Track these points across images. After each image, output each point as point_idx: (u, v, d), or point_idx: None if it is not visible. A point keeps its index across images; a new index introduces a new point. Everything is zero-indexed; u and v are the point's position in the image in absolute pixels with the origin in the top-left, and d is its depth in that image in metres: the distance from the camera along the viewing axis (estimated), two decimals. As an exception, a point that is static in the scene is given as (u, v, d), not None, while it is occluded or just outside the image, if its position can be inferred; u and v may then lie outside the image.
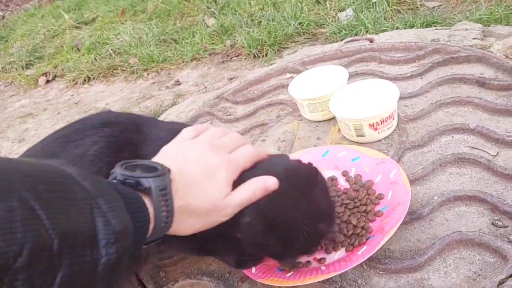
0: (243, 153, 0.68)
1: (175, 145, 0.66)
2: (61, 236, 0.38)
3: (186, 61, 2.13)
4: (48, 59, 2.89)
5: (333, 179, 0.93)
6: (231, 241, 0.78)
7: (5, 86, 2.82)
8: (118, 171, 0.54)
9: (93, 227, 0.42)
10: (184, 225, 0.59)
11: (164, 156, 0.63)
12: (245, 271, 0.81)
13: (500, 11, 1.48)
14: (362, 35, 1.63)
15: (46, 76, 2.63)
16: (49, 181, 0.41)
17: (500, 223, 0.76)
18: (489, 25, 1.40)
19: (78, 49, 2.82)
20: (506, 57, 1.16)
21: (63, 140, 0.75)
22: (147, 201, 0.53)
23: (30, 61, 2.96)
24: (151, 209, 0.53)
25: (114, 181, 0.53)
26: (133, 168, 0.55)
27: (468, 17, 1.53)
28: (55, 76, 2.63)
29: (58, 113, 2.17)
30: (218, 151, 0.65)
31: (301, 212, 0.66)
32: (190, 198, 0.58)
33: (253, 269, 0.80)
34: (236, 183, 0.64)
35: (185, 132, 0.70)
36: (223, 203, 0.61)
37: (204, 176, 0.61)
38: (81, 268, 0.39)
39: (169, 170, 0.57)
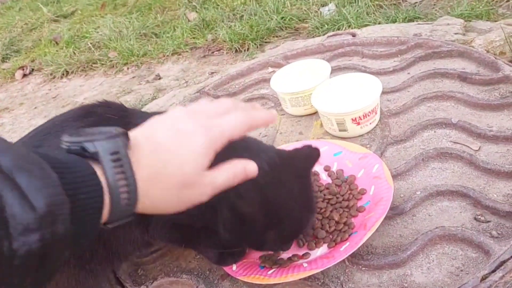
0: (229, 119, 0.56)
1: (153, 118, 0.56)
2: None
3: (167, 55, 2.09)
4: (26, 53, 2.83)
5: (315, 174, 0.91)
6: (214, 235, 0.76)
7: (-19, 80, 2.75)
8: (64, 139, 0.45)
9: (1, 211, 0.34)
10: (157, 200, 0.50)
11: (137, 128, 0.53)
12: (225, 268, 0.79)
13: (481, 7, 1.48)
14: (344, 30, 1.62)
15: (23, 69, 2.57)
16: None
17: (482, 218, 0.75)
18: (470, 21, 1.41)
19: (56, 42, 2.76)
20: (488, 52, 1.16)
21: (44, 133, 0.72)
22: (98, 169, 0.44)
23: (6, 54, 2.88)
24: (102, 178, 0.44)
25: (51, 153, 0.43)
26: (83, 134, 0.46)
27: (449, 12, 1.53)
28: (33, 69, 2.57)
29: (35, 108, 2.11)
30: (196, 117, 0.55)
31: (287, 200, 0.66)
32: (159, 167, 0.49)
33: (234, 267, 0.78)
34: (222, 156, 0.55)
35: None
36: (201, 180, 0.52)
37: (176, 142, 0.51)
38: None
39: (125, 133, 0.47)
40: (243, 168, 0.57)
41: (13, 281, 0.35)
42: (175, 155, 0.50)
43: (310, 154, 0.71)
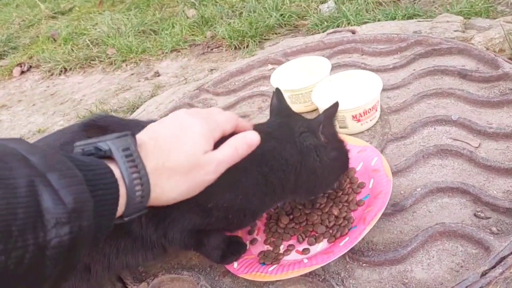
0: (222, 116, 0.64)
1: (152, 123, 0.62)
2: None
3: (166, 52, 2.09)
4: (23, 50, 2.82)
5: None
6: (220, 236, 0.78)
7: (-22, 77, 2.74)
8: (76, 144, 0.50)
9: (36, 206, 0.37)
10: (168, 188, 0.55)
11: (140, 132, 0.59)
12: (227, 266, 0.79)
13: (480, 4, 1.48)
14: (344, 27, 1.62)
15: (21, 67, 2.56)
16: None
17: (482, 215, 0.76)
18: (470, 18, 1.41)
19: (54, 39, 2.75)
20: (487, 49, 1.16)
21: (53, 143, 0.72)
22: (113, 166, 0.48)
23: (4, 51, 2.88)
24: (117, 173, 0.48)
25: (72, 154, 0.48)
26: (94, 138, 0.51)
27: (449, 10, 1.53)
28: (30, 66, 2.56)
29: (33, 105, 2.11)
30: (193, 113, 0.62)
31: None
32: (164, 157, 0.54)
33: (235, 264, 0.78)
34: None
35: None
36: (204, 159, 0.57)
37: (177, 134, 0.57)
38: (21, 253, 0.35)
39: (132, 134, 0.53)
40: (244, 139, 0.62)
41: (45, 270, 0.38)
42: (177, 143, 0.56)
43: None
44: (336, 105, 0.72)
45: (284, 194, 0.73)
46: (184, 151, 0.56)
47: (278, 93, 0.80)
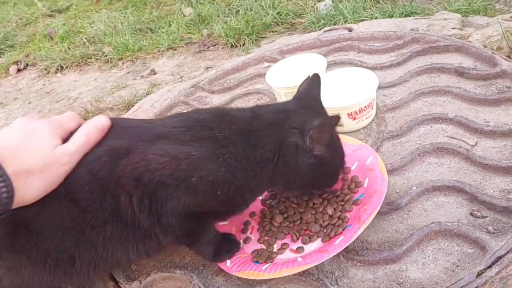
0: (62, 116, 0.71)
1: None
2: None
3: (162, 51, 2.08)
4: (20, 48, 2.80)
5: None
6: (212, 232, 0.77)
7: (-25, 75, 2.72)
8: None
9: None
10: (28, 187, 0.60)
11: None
12: (220, 264, 0.78)
13: (478, 2, 1.48)
14: (341, 25, 1.61)
15: (18, 64, 2.54)
16: None
17: (478, 214, 0.75)
18: (467, 16, 1.40)
19: (51, 37, 2.74)
20: (485, 47, 1.15)
21: None
22: None
23: (1, 49, 2.86)
24: None
25: None
26: None
27: (446, 8, 1.52)
28: (27, 65, 2.54)
29: (29, 103, 2.09)
30: (33, 119, 0.68)
31: None
32: (18, 161, 0.60)
33: (228, 262, 0.77)
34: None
35: None
36: (56, 153, 0.63)
37: (25, 139, 0.63)
38: None
39: None
40: (94, 125, 0.68)
41: None
42: (28, 148, 0.62)
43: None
44: (337, 118, 0.72)
45: (263, 179, 0.73)
46: (35, 152, 0.62)
47: (311, 79, 0.83)
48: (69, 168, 0.65)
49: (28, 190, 0.61)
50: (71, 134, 0.68)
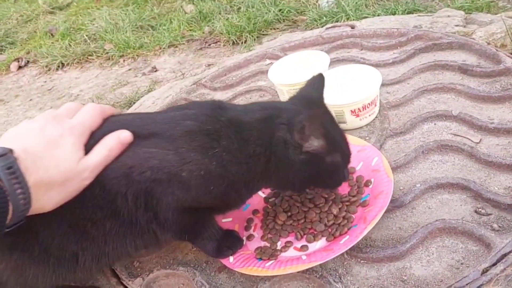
0: (84, 114, 0.69)
1: (16, 128, 0.66)
2: None
3: (163, 48, 2.08)
4: (21, 45, 2.80)
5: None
6: (214, 228, 0.77)
7: (-25, 72, 2.72)
8: None
9: None
10: (45, 200, 0.60)
11: (4, 140, 0.62)
12: (223, 260, 0.78)
13: (481, -1, 1.47)
14: (343, 22, 1.60)
15: (18, 61, 2.55)
16: None
17: (483, 211, 0.74)
18: (471, 13, 1.39)
19: (52, 34, 2.74)
20: (489, 44, 1.14)
21: None
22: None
23: (1, 46, 2.86)
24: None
25: None
26: None
27: (449, 5, 1.52)
28: (28, 62, 2.55)
29: (30, 100, 2.09)
30: (57, 121, 0.66)
31: None
32: (41, 172, 0.58)
33: (231, 258, 0.77)
34: (90, 145, 0.65)
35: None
36: (78, 168, 0.62)
37: (49, 148, 0.61)
38: None
39: (11, 150, 0.56)
40: (117, 139, 0.66)
41: None
42: (52, 160, 0.60)
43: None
44: (323, 110, 0.73)
45: (257, 173, 0.72)
46: (58, 165, 0.60)
47: (313, 78, 0.83)
48: (89, 182, 0.64)
49: (46, 202, 0.60)
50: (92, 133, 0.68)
